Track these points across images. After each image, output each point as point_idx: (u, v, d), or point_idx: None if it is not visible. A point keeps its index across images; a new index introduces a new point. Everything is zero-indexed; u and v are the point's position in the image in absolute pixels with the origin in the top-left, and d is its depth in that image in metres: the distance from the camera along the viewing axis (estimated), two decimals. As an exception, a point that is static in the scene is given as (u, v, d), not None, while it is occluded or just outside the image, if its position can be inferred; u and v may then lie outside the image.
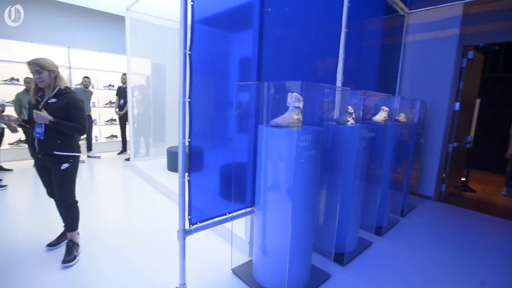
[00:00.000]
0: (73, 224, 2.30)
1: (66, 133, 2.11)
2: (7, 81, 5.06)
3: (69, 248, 2.25)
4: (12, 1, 5.23)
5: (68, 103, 2.09)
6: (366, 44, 3.44)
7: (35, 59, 2.03)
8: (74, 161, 2.20)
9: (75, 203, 2.29)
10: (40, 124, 2.05)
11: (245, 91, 2.00)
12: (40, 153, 2.11)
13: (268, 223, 1.88)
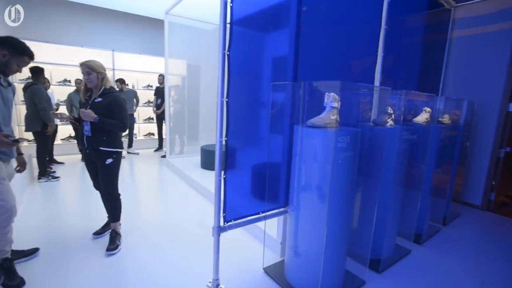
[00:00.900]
0: (116, 215, 2.47)
1: (110, 130, 2.26)
2: (60, 82, 5.56)
3: (112, 238, 2.42)
4: (68, 11, 5.74)
5: (111, 101, 2.24)
6: (406, 41, 3.26)
7: (87, 61, 2.20)
8: (117, 157, 2.36)
9: (117, 195, 2.45)
10: (87, 122, 2.22)
11: (280, 91, 1.99)
12: (88, 148, 2.29)
13: (302, 224, 1.86)
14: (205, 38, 5.64)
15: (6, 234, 1.78)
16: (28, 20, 5.44)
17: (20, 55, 1.78)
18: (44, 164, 4.09)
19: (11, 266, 1.85)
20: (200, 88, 5.91)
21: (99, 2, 5.85)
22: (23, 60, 1.81)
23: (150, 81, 6.63)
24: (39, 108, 3.73)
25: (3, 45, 1.71)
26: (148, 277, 2.02)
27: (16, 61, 1.77)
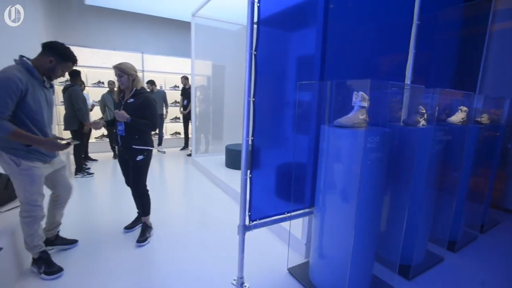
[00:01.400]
0: (146, 210, 2.58)
1: (141, 129, 2.36)
2: (95, 84, 5.89)
3: (143, 230, 2.55)
4: (105, 17, 6.07)
5: (142, 102, 2.33)
6: (441, 36, 3.09)
7: (119, 64, 2.32)
8: (148, 155, 2.46)
9: (146, 191, 2.55)
10: (121, 122, 2.34)
11: (306, 90, 1.97)
12: (121, 146, 2.41)
13: (328, 225, 1.83)
14: (230, 39, 5.71)
15: (37, 230, 1.90)
16: (67, 26, 5.83)
17: (65, 61, 1.87)
18: (80, 161, 4.36)
19: (48, 257, 2.00)
20: (225, 88, 6.00)
21: (130, 7, 6.12)
22: (67, 65, 1.91)
23: (177, 82, 6.83)
24: (76, 108, 3.98)
25: (51, 52, 1.81)
26: (174, 271, 2.09)
27: (61, 66, 1.88)
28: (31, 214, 1.84)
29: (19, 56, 1.77)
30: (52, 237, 2.21)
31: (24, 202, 1.82)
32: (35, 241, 1.90)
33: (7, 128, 1.60)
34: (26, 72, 1.73)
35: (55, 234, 2.24)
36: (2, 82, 1.59)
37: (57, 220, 2.21)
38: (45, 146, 1.77)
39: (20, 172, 1.76)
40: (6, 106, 1.60)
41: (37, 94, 1.77)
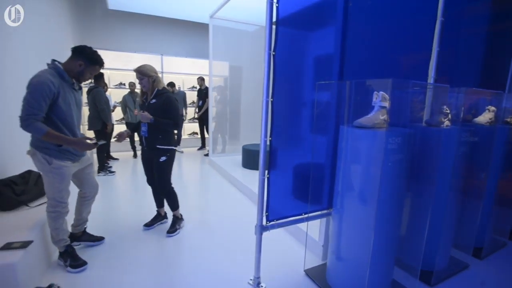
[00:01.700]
0: (174, 205, 2.68)
1: (165, 129, 2.42)
2: (117, 85, 6.11)
3: (173, 222, 2.67)
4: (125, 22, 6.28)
5: (164, 101, 2.40)
6: (467, 32, 2.95)
7: (139, 67, 2.38)
8: (171, 154, 2.52)
9: (171, 189, 2.64)
10: (145, 124, 2.41)
11: (325, 90, 1.95)
12: (146, 147, 2.49)
13: (346, 227, 1.80)
14: (247, 40, 5.74)
15: (61, 225, 2.00)
16: (91, 30, 6.08)
17: (93, 64, 1.96)
18: (102, 160, 4.53)
19: (73, 251, 2.09)
20: (242, 89, 6.03)
21: (150, 11, 6.30)
22: (95, 68, 2.00)
23: (195, 82, 6.94)
24: (99, 109, 4.14)
25: (80, 56, 1.90)
26: (192, 268, 2.13)
27: (90, 70, 1.97)
28: (56, 209, 1.94)
29: (51, 60, 1.87)
30: (79, 233, 2.30)
31: (51, 198, 1.92)
32: (60, 235, 2.00)
33: (41, 129, 1.70)
34: (58, 75, 1.82)
35: (82, 230, 2.34)
36: (37, 86, 1.69)
37: (84, 216, 2.31)
38: (75, 146, 1.87)
39: (51, 170, 1.86)
40: (41, 108, 1.70)
41: (67, 97, 1.86)
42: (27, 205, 2.24)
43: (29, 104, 1.68)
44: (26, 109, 1.68)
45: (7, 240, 1.73)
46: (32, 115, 1.68)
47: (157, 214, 2.81)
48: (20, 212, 2.17)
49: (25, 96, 1.70)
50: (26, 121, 1.68)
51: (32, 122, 1.68)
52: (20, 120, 1.68)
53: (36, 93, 1.68)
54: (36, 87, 1.69)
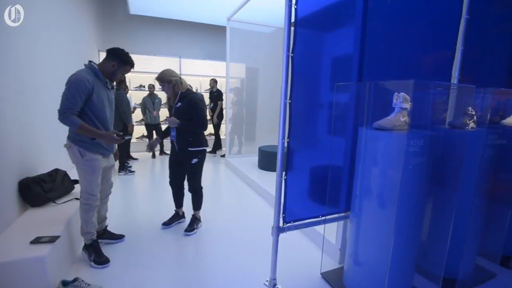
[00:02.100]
0: (198, 205, 2.73)
1: (194, 132, 2.47)
2: (137, 87, 6.30)
3: (192, 222, 2.72)
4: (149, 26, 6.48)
5: (189, 103, 2.43)
6: (494, 30, 2.82)
7: (159, 73, 2.43)
8: (202, 156, 2.58)
9: (200, 189, 2.69)
10: (173, 128, 2.48)
11: (343, 91, 1.93)
12: (178, 150, 2.54)
13: (364, 231, 1.77)
14: (264, 41, 5.76)
15: (91, 218, 2.09)
16: (114, 34, 6.31)
17: (125, 65, 2.09)
18: (123, 160, 4.68)
19: (98, 246, 2.17)
20: (258, 90, 6.06)
21: (170, 15, 6.46)
22: (126, 69, 2.12)
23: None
24: (120, 111, 4.28)
25: (114, 57, 2.04)
26: (208, 268, 2.16)
27: (122, 70, 2.10)
28: (87, 202, 2.04)
29: (88, 61, 2.03)
30: (100, 231, 2.39)
31: (84, 190, 2.03)
32: (89, 227, 2.09)
33: (76, 122, 1.84)
34: (93, 74, 1.97)
35: (103, 228, 2.43)
36: (74, 83, 1.85)
37: (102, 214, 2.40)
38: (104, 138, 1.99)
39: (84, 162, 1.99)
40: (76, 103, 1.85)
41: (101, 94, 2.00)
42: (54, 201, 2.36)
43: (67, 99, 1.83)
44: (64, 104, 1.83)
45: (37, 234, 1.82)
46: (68, 109, 1.82)
47: (175, 213, 2.87)
48: (47, 208, 2.28)
49: (64, 92, 1.86)
50: (63, 114, 1.82)
51: (68, 116, 1.82)
52: (58, 113, 1.84)
53: (73, 89, 1.84)
54: (73, 84, 1.84)
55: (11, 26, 2.17)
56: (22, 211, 2.19)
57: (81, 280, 1.78)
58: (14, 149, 2.11)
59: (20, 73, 2.29)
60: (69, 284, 1.73)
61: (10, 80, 2.10)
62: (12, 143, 2.07)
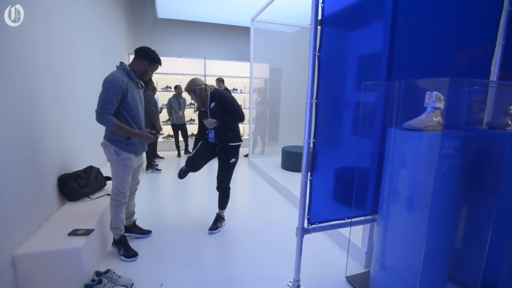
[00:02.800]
0: (224, 204, 2.78)
1: (233, 126, 2.53)
2: (163, 88, 6.51)
3: (216, 220, 2.77)
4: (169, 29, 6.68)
5: (220, 99, 2.49)
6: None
7: (186, 86, 2.53)
8: (238, 156, 2.64)
9: (229, 189, 2.75)
10: (212, 130, 2.54)
11: (371, 91, 1.87)
12: (219, 151, 2.61)
13: (393, 236, 1.70)
14: (288, 41, 5.73)
15: (119, 214, 2.19)
16: (142, 37, 6.58)
17: (154, 63, 2.17)
18: (150, 158, 4.86)
19: (126, 241, 2.28)
20: (281, 91, 6.03)
21: (195, 18, 6.62)
22: (155, 67, 2.20)
23: (235, 85, 7.13)
24: (148, 111, 4.44)
25: (143, 56, 2.12)
26: (232, 267, 2.19)
27: (152, 68, 2.18)
28: (117, 198, 2.14)
29: (120, 62, 2.12)
30: (129, 225, 2.50)
31: (115, 187, 2.14)
32: (117, 223, 2.19)
33: (113, 122, 1.93)
34: (126, 75, 2.05)
35: (132, 222, 2.54)
36: (111, 84, 1.93)
37: (131, 209, 2.51)
38: (140, 137, 2.07)
39: (119, 161, 2.08)
40: (113, 103, 1.93)
41: (134, 93, 2.09)
42: (88, 197, 2.50)
43: (104, 100, 1.91)
44: (102, 104, 1.91)
45: (73, 227, 1.95)
46: (106, 110, 1.91)
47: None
48: (82, 203, 2.42)
49: (101, 93, 1.93)
50: (101, 115, 1.91)
51: (106, 116, 1.91)
52: (96, 113, 1.92)
53: (110, 90, 1.92)
54: (110, 85, 1.92)
55: (54, 33, 2.34)
56: (61, 204, 2.35)
57: (112, 271, 1.88)
58: (54, 148, 2.27)
59: (58, 77, 2.45)
60: (102, 275, 1.83)
61: (49, 84, 2.26)
62: (52, 143, 2.23)
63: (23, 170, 1.79)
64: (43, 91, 2.13)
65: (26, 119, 1.85)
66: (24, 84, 1.84)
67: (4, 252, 1.58)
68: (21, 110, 1.80)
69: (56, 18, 2.44)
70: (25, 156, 1.82)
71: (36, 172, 1.97)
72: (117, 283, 1.82)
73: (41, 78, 2.10)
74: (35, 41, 2.00)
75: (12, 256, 1.63)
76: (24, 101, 1.83)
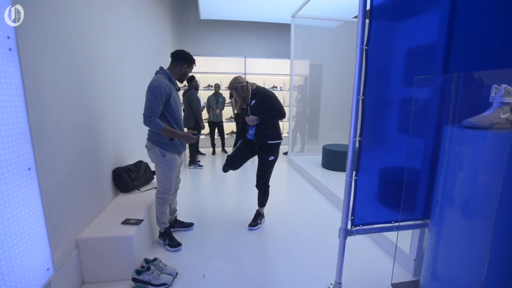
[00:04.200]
0: (264, 202, 2.82)
1: (272, 124, 2.55)
2: (205, 87, 6.75)
3: (255, 217, 2.81)
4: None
5: (262, 96, 2.51)
6: None
7: (230, 82, 2.55)
8: (277, 155, 2.65)
9: (268, 187, 2.77)
10: (252, 127, 2.58)
11: (425, 85, 1.72)
12: (257, 144, 2.64)
13: (447, 244, 1.56)
14: (329, 36, 5.55)
15: (165, 210, 2.31)
16: (186, 38, 6.88)
17: (191, 64, 2.27)
18: (193, 155, 5.07)
19: (171, 233, 2.41)
20: (322, 87, 5.87)
21: (236, 17, 6.72)
22: (191, 68, 2.30)
23: (275, 82, 7.12)
24: (193, 108, 4.64)
25: (181, 60, 2.21)
26: (272, 264, 2.19)
27: (189, 69, 2.28)
28: (163, 196, 2.27)
29: (160, 67, 2.21)
30: (171, 221, 2.62)
31: (161, 186, 2.25)
32: (163, 218, 2.33)
33: (159, 124, 2.03)
34: (167, 79, 2.15)
35: (174, 218, 2.66)
36: (157, 89, 2.03)
37: (173, 207, 2.63)
38: (183, 138, 2.16)
39: (164, 162, 2.19)
40: (159, 107, 2.04)
41: (175, 96, 2.19)
42: (138, 189, 2.69)
43: (151, 104, 2.00)
44: (149, 108, 2.00)
45: (125, 217, 2.11)
46: (153, 113, 2.00)
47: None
48: (133, 194, 2.62)
49: (148, 97, 2.03)
50: (149, 118, 2.01)
51: (153, 119, 2.01)
52: (144, 117, 2.03)
53: (156, 94, 2.01)
54: (156, 89, 2.02)
55: (108, 42, 2.55)
56: (115, 195, 2.56)
57: (159, 260, 2.00)
58: (110, 143, 2.48)
59: (114, 82, 2.66)
60: (150, 262, 1.96)
61: (107, 90, 2.46)
62: (108, 139, 2.44)
63: (86, 165, 2.00)
64: (102, 97, 2.33)
65: (88, 121, 2.06)
66: (85, 89, 2.04)
67: (71, 235, 1.78)
68: (83, 113, 2.00)
69: (109, 28, 2.64)
70: (87, 153, 2.03)
71: (96, 167, 2.18)
72: (164, 271, 1.94)
73: (100, 83, 2.31)
74: (91, 49, 2.20)
75: (77, 239, 1.83)
76: (87, 105, 2.04)
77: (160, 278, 1.86)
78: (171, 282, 1.89)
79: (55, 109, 1.63)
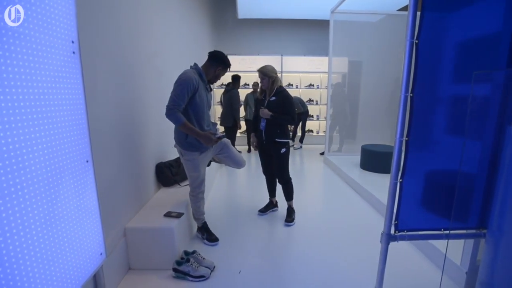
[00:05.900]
0: (290, 195, 2.84)
1: (282, 124, 2.61)
2: (242, 86, 6.83)
3: (289, 212, 2.85)
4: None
5: (283, 98, 2.56)
6: None
7: (261, 67, 2.59)
8: (288, 147, 2.69)
9: (289, 179, 2.80)
10: (264, 119, 2.63)
11: (484, 81, 1.56)
12: (265, 140, 2.70)
13: (509, 258, 1.40)
14: (369, 31, 5.28)
15: (199, 206, 2.37)
16: (224, 38, 7.05)
17: (226, 67, 2.24)
18: (229, 151, 5.18)
19: (208, 227, 2.47)
20: (361, 85, 5.62)
21: (273, 15, 6.71)
22: (225, 72, 2.28)
23: (312, 80, 6.98)
24: (233, 108, 4.73)
25: (217, 61, 2.18)
26: (306, 261, 2.16)
27: (223, 72, 2.27)
28: (193, 194, 2.33)
29: (194, 63, 2.21)
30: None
31: (191, 184, 2.31)
32: (199, 214, 2.41)
33: (180, 119, 1.95)
34: (198, 75, 2.11)
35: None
36: (185, 81, 1.98)
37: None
38: (202, 138, 2.07)
39: (185, 161, 2.23)
40: (184, 100, 1.97)
41: (202, 94, 2.13)
42: (179, 184, 2.82)
43: (176, 96, 1.95)
44: (173, 100, 1.95)
45: (167, 210, 2.23)
46: (176, 106, 1.94)
47: (269, 202, 3.04)
48: (174, 189, 2.75)
49: (174, 89, 1.99)
50: (171, 110, 1.94)
51: (175, 112, 1.94)
52: (166, 108, 1.96)
53: (182, 86, 1.96)
54: (183, 82, 1.98)
55: (156, 43, 2.69)
56: (157, 189, 2.71)
57: (198, 253, 2.08)
58: (153, 140, 2.64)
59: (156, 79, 2.80)
60: (189, 254, 2.04)
61: (151, 85, 2.61)
62: (152, 135, 2.59)
63: (132, 159, 2.15)
64: (148, 94, 2.49)
65: (134, 117, 2.20)
66: (132, 86, 2.18)
67: (119, 224, 1.92)
68: (130, 110, 2.15)
69: (155, 29, 2.80)
70: (133, 148, 2.19)
71: (141, 161, 2.34)
72: (202, 264, 2.01)
73: (146, 81, 2.46)
74: (142, 50, 2.35)
75: (124, 228, 1.97)
76: (133, 103, 2.18)
77: (199, 270, 1.93)
78: (208, 275, 1.95)
79: (106, 105, 1.77)
